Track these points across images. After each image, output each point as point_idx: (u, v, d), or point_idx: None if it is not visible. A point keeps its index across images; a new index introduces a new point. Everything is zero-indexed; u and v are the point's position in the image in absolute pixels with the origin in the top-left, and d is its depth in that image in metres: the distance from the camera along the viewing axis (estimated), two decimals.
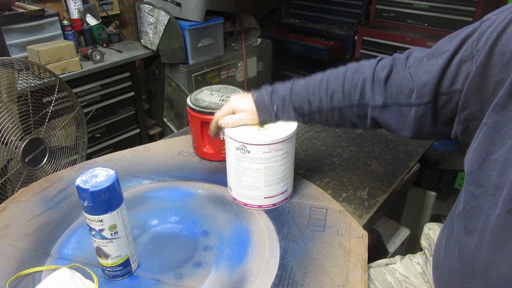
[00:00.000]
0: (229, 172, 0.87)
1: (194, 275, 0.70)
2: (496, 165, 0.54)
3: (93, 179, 0.60)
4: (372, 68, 0.72)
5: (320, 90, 0.76)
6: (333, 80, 0.76)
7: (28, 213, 0.86)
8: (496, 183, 0.54)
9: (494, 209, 0.54)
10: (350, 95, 0.73)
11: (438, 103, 0.64)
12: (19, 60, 1.27)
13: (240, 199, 0.87)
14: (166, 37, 2.08)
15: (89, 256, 0.74)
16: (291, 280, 0.69)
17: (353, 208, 0.90)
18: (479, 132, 0.58)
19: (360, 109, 0.74)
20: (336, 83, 0.75)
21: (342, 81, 0.74)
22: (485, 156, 0.56)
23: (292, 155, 0.84)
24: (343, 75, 0.75)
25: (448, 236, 0.68)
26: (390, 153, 1.11)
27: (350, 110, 0.75)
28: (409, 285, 0.83)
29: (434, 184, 2.18)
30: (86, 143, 1.49)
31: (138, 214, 0.85)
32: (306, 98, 0.78)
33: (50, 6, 2.07)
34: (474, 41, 0.58)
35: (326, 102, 0.76)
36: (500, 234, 0.53)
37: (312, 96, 0.77)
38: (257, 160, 0.80)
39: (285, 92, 0.80)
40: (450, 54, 0.61)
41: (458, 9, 2.30)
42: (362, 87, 0.72)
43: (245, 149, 0.79)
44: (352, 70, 0.75)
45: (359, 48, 2.67)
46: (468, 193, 0.59)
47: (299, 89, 0.79)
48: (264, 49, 2.55)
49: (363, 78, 0.72)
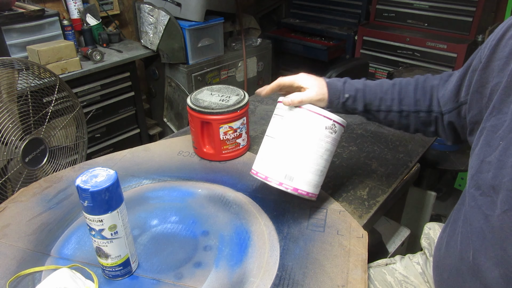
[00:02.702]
0: (300, 156, 0.77)
1: (194, 275, 0.70)
2: (491, 167, 0.55)
3: (93, 179, 0.60)
4: (438, 79, 0.78)
5: (393, 91, 0.80)
6: (405, 85, 0.81)
7: (28, 213, 0.86)
8: (492, 185, 0.55)
9: (492, 210, 0.55)
10: (419, 100, 0.78)
11: (461, 112, 0.70)
12: (19, 60, 1.27)
13: (304, 188, 0.78)
14: (166, 37, 2.08)
15: (89, 256, 0.74)
16: (291, 280, 0.69)
17: (353, 208, 0.90)
18: (480, 136, 0.60)
19: (427, 115, 0.78)
20: (408, 88, 0.80)
21: (414, 87, 0.79)
22: (483, 158, 0.58)
23: None
24: (415, 82, 0.80)
25: (450, 236, 0.68)
26: (390, 153, 1.11)
27: (417, 115, 0.79)
28: (409, 285, 0.83)
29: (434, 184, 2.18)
30: (86, 143, 1.49)
31: (138, 214, 0.85)
32: (379, 96, 0.81)
33: (50, 6, 2.07)
34: (482, 50, 0.63)
35: (397, 104, 0.80)
36: (499, 234, 0.54)
37: (385, 95, 0.81)
38: (337, 142, 0.80)
39: (359, 85, 0.82)
40: (467, 64, 0.67)
41: (458, 9, 2.30)
42: (431, 94, 0.78)
43: (334, 129, 0.77)
44: (423, 79, 0.81)
45: (359, 48, 2.67)
46: (470, 195, 0.60)
47: (373, 85, 0.82)
48: (264, 49, 2.55)
49: (431, 86, 0.78)
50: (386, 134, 1.20)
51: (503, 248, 0.53)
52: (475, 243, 0.58)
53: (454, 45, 2.26)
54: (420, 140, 1.17)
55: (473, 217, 0.59)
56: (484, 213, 0.56)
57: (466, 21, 2.29)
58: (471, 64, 0.65)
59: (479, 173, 0.58)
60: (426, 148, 1.14)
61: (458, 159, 1.86)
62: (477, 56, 0.64)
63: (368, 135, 1.20)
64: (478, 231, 0.57)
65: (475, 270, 0.58)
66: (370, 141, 1.17)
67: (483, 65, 0.60)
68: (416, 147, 1.14)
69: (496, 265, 0.55)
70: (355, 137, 1.19)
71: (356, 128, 1.24)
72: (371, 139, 1.18)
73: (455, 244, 0.65)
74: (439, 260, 0.72)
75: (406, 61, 2.48)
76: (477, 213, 0.58)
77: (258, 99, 1.50)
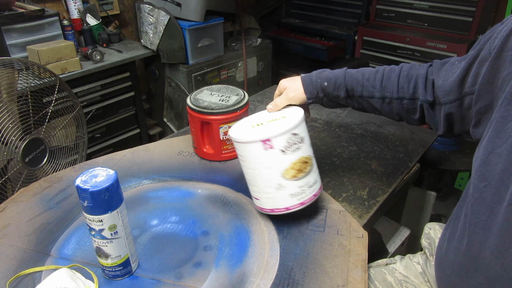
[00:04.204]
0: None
1: (194, 275, 0.70)
2: (501, 159, 0.55)
3: (93, 179, 0.60)
4: (426, 68, 0.78)
5: (376, 78, 0.81)
6: (388, 72, 0.81)
7: (28, 213, 0.86)
8: (501, 177, 0.54)
9: (499, 203, 0.54)
10: (403, 88, 0.78)
11: (463, 103, 0.68)
12: (19, 60, 1.27)
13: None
14: (166, 37, 2.08)
15: (89, 256, 0.74)
16: (291, 280, 0.69)
17: (353, 208, 0.90)
18: (489, 128, 0.59)
19: (411, 102, 0.78)
20: (392, 74, 0.80)
21: (398, 74, 0.80)
22: (491, 150, 0.57)
23: None
24: (399, 70, 0.80)
25: (452, 232, 0.68)
26: (390, 153, 1.11)
27: (400, 102, 0.79)
28: (409, 285, 0.83)
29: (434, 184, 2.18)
30: (86, 143, 1.49)
31: (138, 214, 0.85)
32: (360, 82, 0.82)
33: (50, 6, 2.07)
34: (491, 41, 0.61)
35: (379, 90, 0.80)
36: (505, 227, 0.53)
37: (367, 81, 0.81)
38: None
39: (339, 73, 0.84)
40: (472, 55, 0.65)
41: (458, 9, 2.30)
42: (415, 82, 0.77)
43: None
44: (408, 67, 0.80)
45: (359, 48, 2.67)
46: (474, 187, 0.60)
47: (354, 73, 0.83)
48: (264, 49, 2.55)
49: (417, 75, 0.77)
50: (386, 134, 1.20)
51: (508, 240, 0.53)
52: (478, 236, 0.58)
53: (454, 45, 2.26)
54: (420, 140, 1.17)
55: (477, 209, 0.59)
56: (489, 206, 0.56)
57: (466, 21, 2.29)
58: (478, 55, 0.64)
59: (485, 164, 0.57)
60: (426, 148, 1.14)
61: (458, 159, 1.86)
62: (486, 47, 0.62)
63: (368, 135, 1.20)
64: (483, 224, 0.57)
65: (479, 263, 0.58)
66: (370, 141, 1.17)
67: (494, 55, 0.59)
68: (416, 147, 1.14)
69: (499, 258, 0.55)
70: (355, 137, 1.19)
71: (356, 128, 1.24)
72: (371, 139, 1.18)
73: (457, 239, 0.65)
74: (442, 257, 0.72)
75: (406, 61, 2.48)
76: (481, 205, 0.57)
77: (258, 99, 1.50)
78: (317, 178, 0.80)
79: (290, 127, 0.73)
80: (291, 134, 0.74)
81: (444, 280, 0.70)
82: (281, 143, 0.73)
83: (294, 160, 0.74)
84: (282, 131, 0.73)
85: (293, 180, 0.75)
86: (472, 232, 0.60)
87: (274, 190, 0.76)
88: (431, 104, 0.76)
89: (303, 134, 0.76)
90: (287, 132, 0.73)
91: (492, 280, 0.56)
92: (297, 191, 0.76)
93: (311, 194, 0.78)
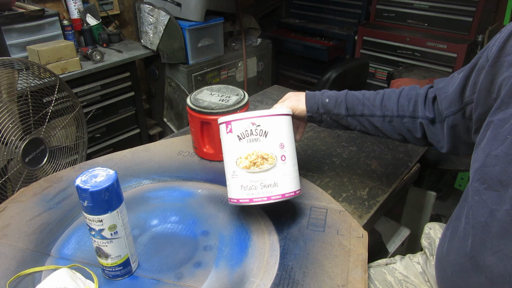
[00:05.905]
0: None
1: (194, 275, 0.70)
2: (498, 161, 0.55)
3: (93, 179, 0.60)
4: (426, 88, 0.80)
5: (376, 97, 0.83)
6: (389, 92, 0.83)
7: (28, 213, 0.86)
8: (500, 179, 0.55)
9: (500, 205, 0.54)
10: (403, 106, 0.80)
11: (466, 113, 0.69)
12: (19, 60, 1.27)
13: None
14: (166, 37, 2.08)
15: (89, 256, 0.74)
16: (291, 280, 0.69)
17: (353, 208, 0.90)
18: (486, 131, 0.59)
19: (411, 120, 0.80)
20: (392, 94, 0.83)
21: (398, 94, 0.82)
22: (488, 152, 0.57)
23: None
24: (399, 90, 0.83)
25: (452, 233, 0.68)
26: (390, 153, 1.11)
27: (400, 120, 0.81)
28: (409, 285, 0.83)
29: (434, 184, 2.18)
30: (86, 143, 1.49)
31: (138, 214, 0.85)
32: (361, 101, 0.84)
33: (50, 6, 2.07)
34: (489, 49, 0.62)
35: (380, 109, 0.82)
36: (507, 229, 0.53)
37: (367, 101, 0.84)
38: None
39: (341, 92, 0.87)
40: (471, 65, 0.66)
41: (458, 9, 2.30)
42: (415, 100, 0.79)
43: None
44: (408, 88, 0.83)
45: (359, 48, 2.67)
46: (473, 189, 0.60)
47: (355, 93, 0.86)
48: (264, 49, 2.55)
49: (416, 94, 0.80)
50: None
51: (510, 242, 0.53)
52: (479, 238, 0.58)
53: (454, 45, 2.26)
54: None
55: (477, 211, 0.59)
56: (489, 208, 0.56)
57: (466, 21, 2.29)
58: (477, 64, 0.65)
59: (484, 167, 0.58)
60: (426, 148, 1.14)
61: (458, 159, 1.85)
62: (484, 55, 0.63)
63: None
64: (483, 225, 0.57)
65: (480, 265, 0.58)
66: (370, 141, 1.17)
67: (492, 62, 0.59)
68: (416, 147, 1.14)
69: (501, 260, 0.54)
70: (355, 137, 1.19)
71: None
72: (371, 139, 1.18)
73: (458, 240, 0.65)
74: (442, 257, 0.72)
75: (406, 61, 2.48)
76: (481, 207, 0.58)
77: (258, 99, 1.50)
78: (281, 183, 0.75)
79: (250, 115, 0.74)
80: (250, 123, 0.74)
81: (444, 280, 0.70)
82: (238, 129, 0.74)
83: (250, 151, 0.74)
84: (241, 117, 0.74)
85: (245, 171, 0.74)
86: (473, 233, 0.60)
87: (230, 177, 0.77)
88: (431, 120, 0.77)
89: (269, 129, 0.74)
90: (246, 119, 0.74)
91: (493, 281, 0.56)
92: (247, 184, 0.74)
93: (264, 195, 0.74)
